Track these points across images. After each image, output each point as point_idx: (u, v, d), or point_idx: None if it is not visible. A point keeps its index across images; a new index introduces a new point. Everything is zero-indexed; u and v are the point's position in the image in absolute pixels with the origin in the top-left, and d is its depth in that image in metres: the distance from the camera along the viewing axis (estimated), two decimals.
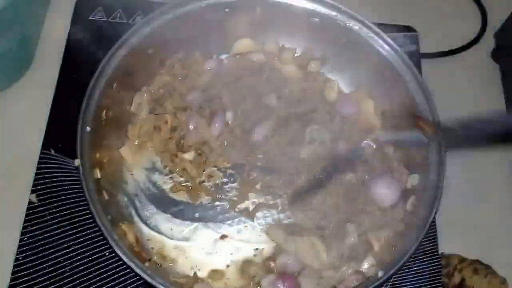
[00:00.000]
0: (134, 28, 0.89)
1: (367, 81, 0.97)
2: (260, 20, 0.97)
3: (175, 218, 0.89)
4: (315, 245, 0.85)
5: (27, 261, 0.83)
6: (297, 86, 0.99)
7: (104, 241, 0.76)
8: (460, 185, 0.93)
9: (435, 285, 0.88)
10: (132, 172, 0.92)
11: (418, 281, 0.89)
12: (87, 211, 0.80)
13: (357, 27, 0.93)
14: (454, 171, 0.86)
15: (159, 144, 0.93)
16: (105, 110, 0.86)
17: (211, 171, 0.93)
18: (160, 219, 0.89)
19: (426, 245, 0.90)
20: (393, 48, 0.92)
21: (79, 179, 0.78)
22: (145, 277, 0.73)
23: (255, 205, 0.91)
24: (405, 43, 1.03)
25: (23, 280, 0.82)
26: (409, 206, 0.86)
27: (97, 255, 0.84)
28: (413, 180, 0.88)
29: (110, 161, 0.88)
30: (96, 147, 0.84)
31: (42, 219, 0.86)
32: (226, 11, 0.94)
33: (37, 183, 0.88)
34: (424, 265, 0.90)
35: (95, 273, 0.83)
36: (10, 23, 0.91)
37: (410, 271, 0.89)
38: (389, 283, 0.88)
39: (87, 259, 0.84)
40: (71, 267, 0.83)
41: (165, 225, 0.88)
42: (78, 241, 0.85)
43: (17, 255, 0.83)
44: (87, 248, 0.85)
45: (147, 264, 0.81)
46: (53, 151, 0.90)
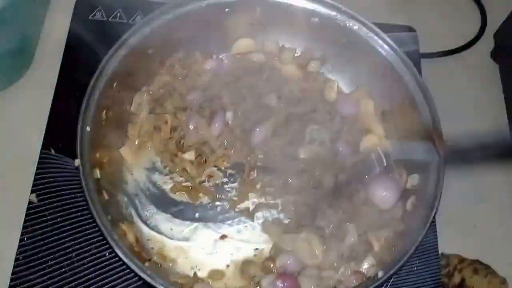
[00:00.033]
0: (134, 28, 0.89)
1: (367, 81, 0.97)
2: (260, 20, 0.97)
3: (175, 218, 0.89)
4: (313, 244, 0.85)
5: (27, 261, 0.83)
6: (297, 86, 0.99)
7: (104, 241, 0.76)
8: (460, 185, 0.93)
9: (435, 285, 0.88)
10: (132, 172, 0.92)
11: (418, 281, 0.89)
12: (87, 211, 0.80)
13: (357, 27, 0.93)
14: (454, 171, 0.86)
15: (159, 144, 0.93)
16: (105, 110, 0.86)
17: (211, 171, 0.93)
18: (160, 219, 0.89)
19: (426, 245, 0.90)
20: (392, 48, 0.92)
21: (79, 179, 0.78)
22: (145, 277, 0.73)
23: (255, 205, 0.91)
24: (405, 43, 1.03)
25: (23, 280, 0.82)
26: (409, 206, 0.86)
27: (97, 255, 0.84)
28: (413, 180, 0.88)
29: (110, 161, 0.88)
30: (96, 147, 0.83)
31: (42, 219, 0.86)
32: (226, 11, 0.94)
33: (37, 183, 0.88)
34: (424, 265, 0.89)
35: (95, 273, 0.83)
36: (10, 23, 0.91)
37: (410, 271, 0.89)
38: (389, 283, 0.88)
39: (87, 259, 0.84)
40: (71, 267, 0.83)
41: (165, 225, 0.88)
42: (78, 241, 0.85)
43: (17, 255, 0.83)
44: (87, 248, 0.85)
45: (147, 264, 0.81)
46: (53, 151, 0.90)
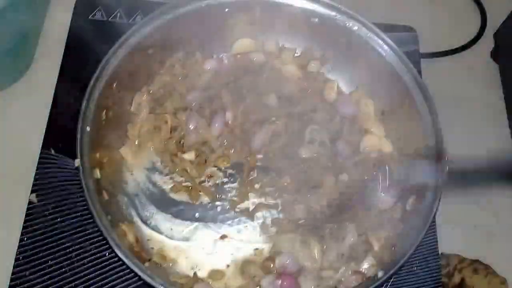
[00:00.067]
0: (134, 28, 0.89)
1: (366, 81, 0.97)
2: (260, 20, 0.97)
3: (175, 218, 0.89)
4: (312, 244, 0.85)
5: (27, 261, 0.83)
6: (297, 86, 0.99)
7: (104, 241, 0.76)
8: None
9: (435, 285, 0.88)
10: (132, 172, 0.91)
11: (418, 281, 0.88)
12: (87, 211, 0.80)
13: (356, 27, 0.93)
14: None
15: (159, 144, 0.93)
16: (105, 110, 0.86)
17: (211, 171, 0.92)
18: (160, 219, 0.89)
19: (426, 245, 0.90)
20: (392, 48, 0.92)
21: (79, 179, 0.78)
22: (145, 278, 0.73)
23: (255, 205, 0.91)
24: (405, 43, 1.03)
25: (23, 280, 0.82)
26: (409, 206, 0.86)
27: (97, 255, 0.84)
28: (413, 180, 0.88)
29: (110, 161, 0.88)
30: (96, 147, 0.83)
31: (42, 219, 0.86)
32: (226, 11, 0.94)
33: (37, 183, 0.88)
34: (424, 265, 0.89)
35: (95, 273, 0.83)
36: (10, 23, 0.91)
37: (410, 271, 0.89)
38: (389, 283, 0.88)
39: (87, 259, 0.84)
40: (71, 267, 0.83)
41: (165, 225, 0.88)
42: (78, 241, 0.85)
43: (17, 255, 0.83)
44: (87, 248, 0.85)
45: (147, 264, 0.81)
46: (53, 151, 0.90)
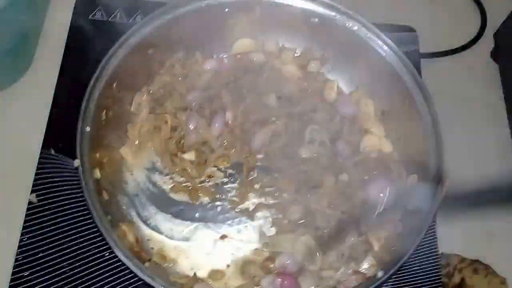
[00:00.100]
0: (134, 28, 0.89)
1: (366, 81, 0.97)
2: (260, 20, 0.97)
3: (175, 218, 0.89)
4: (312, 244, 0.85)
5: (27, 261, 0.83)
6: (297, 86, 0.98)
7: (104, 241, 0.76)
8: (459, 184, 0.93)
9: (435, 285, 0.88)
10: (132, 172, 0.92)
11: (418, 281, 0.88)
12: (87, 211, 0.80)
13: (356, 28, 0.93)
14: (452, 170, 0.86)
15: (159, 144, 0.93)
16: (105, 110, 0.86)
17: (211, 171, 0.92)
18: (160, 219, 0.89)
19: (426, 245, 0.90)
20: (392, 48, 0.92)
21: (79, 179, 0.78)
22: (144, 278, 0.73)
23: (255, 205, 0.91)
24: (405, 43, 1.03)
25: (23, 280, 0.82)
26: (408, 206, 0.86)
27: (97, 255, 0.84)
28: (412, 180, 0.88)
29: (110, 161, 0.88)
30: (96, 147, 0.83)
31: (42, 219, 0.86)
32: (226, 11, 0.94)
33: (37, 183, 0.88)
34: (424, 265, 0.89)
35: (95, 273, 0.83)
36: (10, 23, 0.91)
37: (410, 271, 0.88)
38: (389, 283, 0.88)
39: (87, 259, 0.84)
40: (71, 267, 0.83)
41: (165, 225, 0.88)
42: (78, 241, 0.85)
43: (17, 255, 0.83)
44: (87, 248, 0.84)
45: (147, 264, 0.81)
46: (53, 151, 0.90)
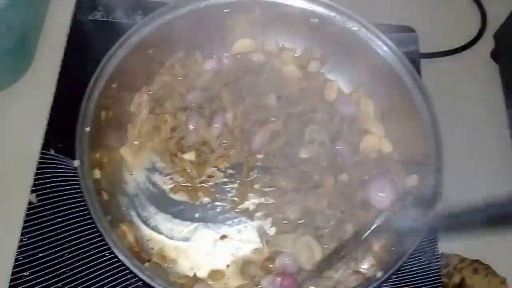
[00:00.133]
0: (134, 28, 0.89)
1: (366, 81, 0.97)
2: (259, 20, 0.97)
3: (175, 218, 0.89)
4: (311, 244, 0.85)
5: (27, 261, 0.83)
6: (297, 86, 0.98)
7: (103, 241, 0.76)
8: (459, 184, 0.93)
9: (435, 285, 0.88)
10: (132, 172, 0.91)
11: (418, 281, 0.88)
12: (87, 212, 0.80)
13: (356, 28, 0.93)
14: (453, 171, 0.86)
15: (159, 144, 0.92)
16: (104, 110, 0.86)
17: (211, 171, 0.92)
18: (160, 219, 0.89)
19: (426, 245, 0.90)
20: (392, 49, 0.92)
21: (79, 179, 0.78)
22: (144, 278, 0.73)
23: (255, 205, 0.91)
24: (405, 43, 1.03)
25: (23, 280, 0.82)
26: (408, 206, 0.86)
27: (97, 255, 0.84)
28: (412, 180, 0.88)
29: (110, 162, 0.88)
30: (95, 148, 0.83)
31: (42, 220, 0.85)
32: (225, 11, 0.94)
33: (37, 183, 0.88)
34: (424, 265, 0.89)
35: (95, 274, 0.83)
36: (10, 23, 0.91)
37: (410, 271, 0.88)
38: (389, 283, 0.88)
39: (87, 260, 0.84)
40: (71, 267, 0.83)
41: (165, 225, 0.88)
42: (78, 241, 0.85)
43: (17, 255, 0.83)
44: (87, 248, 0.84)
45: (147, 264, 0.81)
46: (53, 151, 0.90)
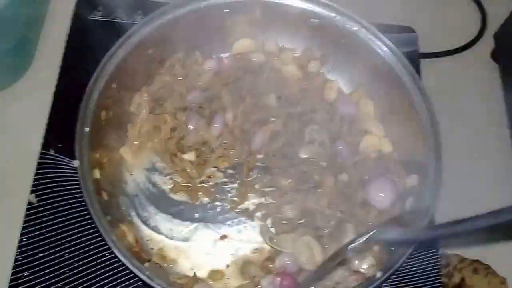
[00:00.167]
0: (134, 28, 0.89)
1: (366, 81, 0.97)
2: (259, 20, 0.97)
3: (175, 218, 0.89)
4: (311, 244, 0.85)
5: (26, 261, 0.83)
6: (297, 86, 0.98)
7: (103, 241, 0.76)
8: (459, 184, 0.93)
9: (435, 285, 0.88)
10: (132, 172, 0.92)
11: (418, 281, 0.88)
12: (87, 212, 0.80)
13: (356, 29, 0.93)
14: (453, 170, 0.86)
15: (159, 144, 0.92)
16: (104, 110, 0.86)
17: (211, 172, 0.92)
18: (160, 219, 0.89)
19: (426, 245, 0.90)
20: (391, 49, 0.92)
21: (79, 179, 0.78)
22: (144, 278, 0.73)
23: (255, 205, 0.91)
24: (405, 44, 1.03)
25: (22, 280, 0.82)
26: (407, 206, 0.86)
27: (97, 255, 0.84)
28: (412, 180, 0.88)
29: (109, 162, 0.88)
30: (95, 148, 0.83)
31: (41, 220, 0.86)
32: (225, 11, 0.94)
33: (37, 183, 0.88)
34: (424, 265, 0.89)
35: (95, 274, 0.83)
36: (10, 23, 0.91)
37: (410, 271, 0.89)
38: (389, 283, 0.88)
39: (87, 260, 0.84)
40: (71, 267, 0.83)
41: (165, 226, 0.88)
42: (78, 241, 0.85)
43: (16, 256, 0.83)
44: (87, 248, 0.85)
45: (146, 264, 0.81)
46: (53, 151, 0.90)
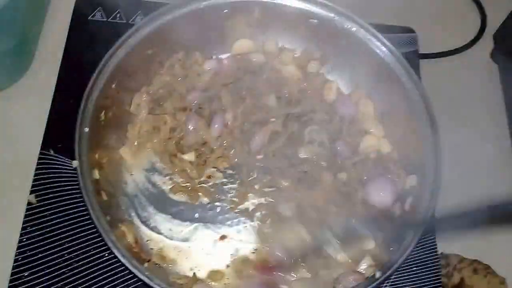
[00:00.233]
0: (133, 28, 0.89)
1: (366, 82, 0.97)
2: (259, 21, 0.97)
3: (175, 218, 0.89)
4: (301, 233, 0.85)
5: (26, 262, 0.83)
6: (297, 86, 0.99)
7: (103, 242, 0.76)
8: (459, 184, 0.93)
9: (435, 285, 0.88)
10: (131, 172, 0.91)
11: (418, 281, 0.88)
12: (86, 212, 0.80)
13: (355, 29, 0.93)
14: (452, 170, 0.86)
15: (159, 144, 0.93)
16: (104, 110, 0.86)
17: (211, 172, 0.92)
18: (159, 219, 0.89)
19: (425, 245, 0.90)
20: (390, 49, 0.92)
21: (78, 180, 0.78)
22: (143, 278, 0.73)
23: (255, 205, 0.91)
24: (404, 44, 1.03)
25: (22, 281, 0.82)
26: (407, 206, 0.86)
27: (97, 256, 0.84)
28: (411, 180, 0.88)
29: (109, 162, 0.88)
30: (95, 148, 0.84)
31: (41, 220, 0.85)
32: (224, 12, 0.94)
33: (36, 183, 0.88)
34: (424, 265, 0.89)
35: (94, 274, 0.83)
36: (10, 23, 0.91)
37: (410, 271, 0.89)
38: (389, 283, 0.88)
39: (87, 260, 0.84)
40: (71, 268, 0.83)
41: (165, 226, 0.88)
42: (77, 242, 0.85)
43: (16, 256, 0.83)
44: (87, 249, 0.84)
45: (146, 265, 0.82)
46: (52, 151, 0.90)
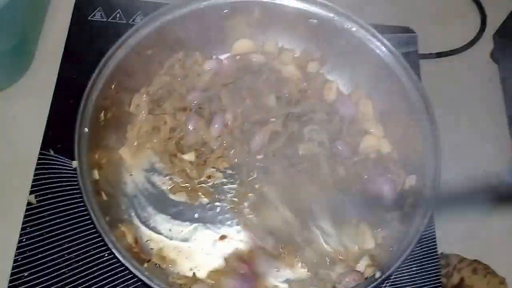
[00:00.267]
0: (133, 28, 0.89)
1: (365, 82, 0.97)
2: (259, 21, 0.97)
3: (175, 219, 0.89)
4: (288, 220, 0.86)
5: (26, 262, 0.83)
6: (296, 86, 0.99)
7: (103, 242, 0.76)
8: (459, 185, 0.93)
9: (435, 285, 0.88)
10: (131, 173, 0.91)
11: (417, 281, 0.89)
12: (86, 212, 0.80)
13: (354, 29, 0.93)
14: (452, 170, 0.86)
15: (158, 145, 0.92)
16: (103, 111, 0.86)
17: (211, 172, 0.92)
18: (159, 220, 0.89)
19: (425, 245, 0.90)
20: (390, 49, 0.92)
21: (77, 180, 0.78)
22: (143, 278, 0.73)
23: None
24: (404, 44, 1.03)
25: (22, 281, 0.82)
26: (407, 206, 0.86)
27: (96, 256, 0.84)
28: (411, 180, 0.88)
29: (109, 162, 0.88)
30: (94, 148, 0.84)
31: (41, 220, 0.85)
32: (224, 12, 0.94)
33: (36, 184, 0.88)
34: (423, 265, 0.89)
35: (94, 274, 0.83)
36: (10, 23, 0.91)
37: (409, 271, 0.89)
38: (389, 283, 0.88)
39: (86, 260, 0.84)
40: (70, 268, 0.83)
41: (165, 226, 0.88)
42: (77, 242, 0.85)
43: (16, 256, 0.83)
44: (86, 249, 0.85)
45: (146, 265, 0.82)
46: (52, 151, 0.90)
